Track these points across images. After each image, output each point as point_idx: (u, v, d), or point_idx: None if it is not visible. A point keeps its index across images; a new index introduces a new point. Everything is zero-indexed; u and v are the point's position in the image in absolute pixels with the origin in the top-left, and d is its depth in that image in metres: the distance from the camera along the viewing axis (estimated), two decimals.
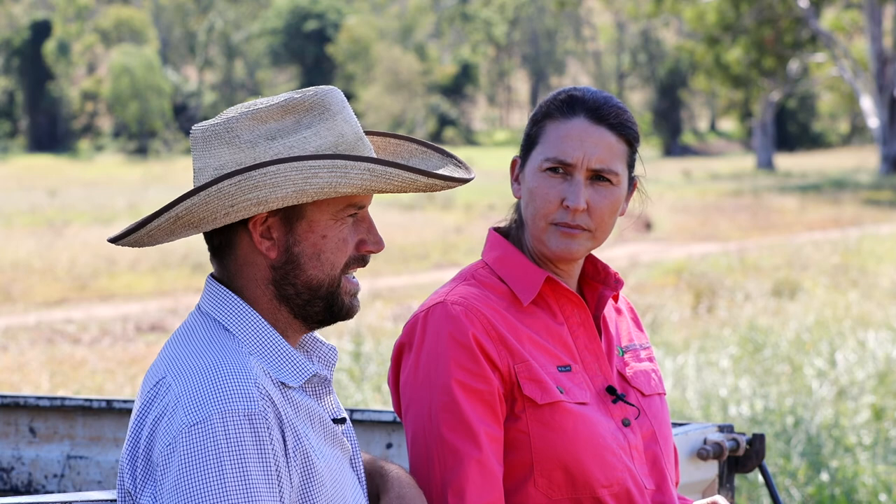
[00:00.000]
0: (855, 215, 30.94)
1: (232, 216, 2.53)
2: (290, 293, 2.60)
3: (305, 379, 2.60)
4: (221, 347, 2.54)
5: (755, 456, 3.81)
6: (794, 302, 16.12)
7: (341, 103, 2.62)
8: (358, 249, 2.64)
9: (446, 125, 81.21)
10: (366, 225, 2.65)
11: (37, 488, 4.45)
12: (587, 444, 2.84)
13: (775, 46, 50.76)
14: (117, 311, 17.60)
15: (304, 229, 2.58)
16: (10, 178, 57.54)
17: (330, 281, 2.61)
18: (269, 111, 2.58)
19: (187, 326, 2.62)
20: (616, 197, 2.92)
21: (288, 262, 2.59)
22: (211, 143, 2.59)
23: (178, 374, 2.51)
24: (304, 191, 2.51)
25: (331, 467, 2.58)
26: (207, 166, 2.59)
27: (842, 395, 9.91)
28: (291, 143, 2.56)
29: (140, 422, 2.53)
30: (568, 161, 2.89)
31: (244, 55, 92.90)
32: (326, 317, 2.64)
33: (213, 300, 2.62)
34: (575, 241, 2.90)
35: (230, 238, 2.60)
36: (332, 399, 2.69)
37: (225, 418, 2.43)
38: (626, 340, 3.05)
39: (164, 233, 2.59)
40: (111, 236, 2.66)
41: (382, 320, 15.41)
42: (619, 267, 20.54)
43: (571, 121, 2.91)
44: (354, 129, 2.62)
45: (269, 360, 2.57)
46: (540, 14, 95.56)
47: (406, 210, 33.83)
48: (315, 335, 2.73)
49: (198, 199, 2.53)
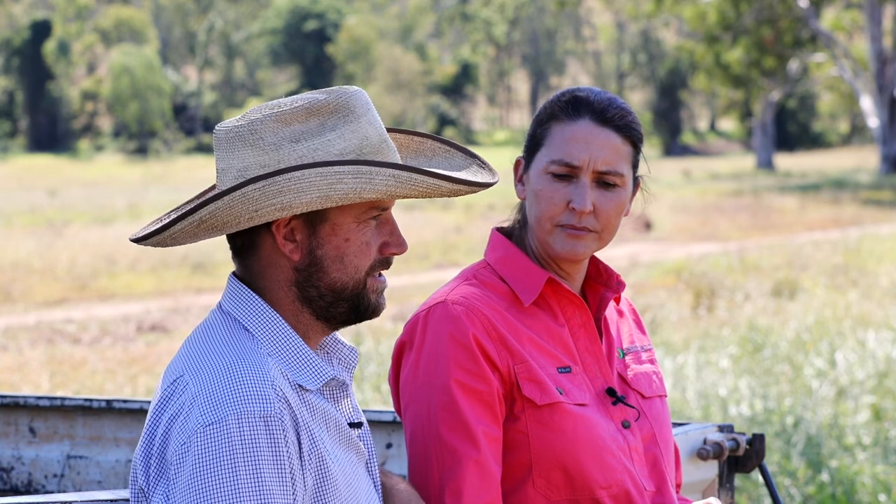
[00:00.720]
0: (855, 215, 30.94)
1: (256, 220, 2.52)
2: (314, 295, 2.60)
3: (323, 382, 2.59)
4: (240, 348, 2.54)
5: (755, 456, 3.81)
6: (793, 302, 16.12)
7: (366, 105, 2.60)
8: (381, 252, 2.63)
9: (446, 125, 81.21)
10: (389, 227, 2.64)
11: (37, 488, 4.45)
12: (586, 445, 2.84)
13: (775, 46, 50.76)
14: (117, 311, 17.60)
15: (328, 232, 2.58)
16: (10, 178, 57.54)
17: (354, 283, 2.60)
18: (293, 113, 2.56)
19: (207, 324, 2.62)
20: (622, 198, 2.91)
21: (311, 264, 2.58)
22: (234, 144, 2.57)
23: (196, 373, 2.50)
24: (328, 196, 2.50)
25: (345, 471, 2.57)
26: (231, 167, 2.57)
27: (842, 395, 9.91)
28: (315, 145, 2.55)
29: (156, 419, 2.52)
30: (574, 163, 2.88)
31: (244, 55, 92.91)
32: (352, 317, 2.63)
33: (235, 300, 2.61)
34: (581, 243, 2.90)
35: (253, 239, 2.59)
36: (349, 402, 2.69)
37: (241, 419, 2.43)
38: (627, 342, 3.05)
39: (187, 235, 2.58)
40: (134, 236, 2.64)
41: (382, 320, 15.40)
42: (619, 267, 20.54)
43: (577, 123, 2.90)
44: (379, 131, 2.61)
45: (287, 362, 2.56)
46: (540, 14, 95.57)
47: (406, 210, 33.83)
48: (336, 336, 2.72)
49: (222, 203, 2.51)
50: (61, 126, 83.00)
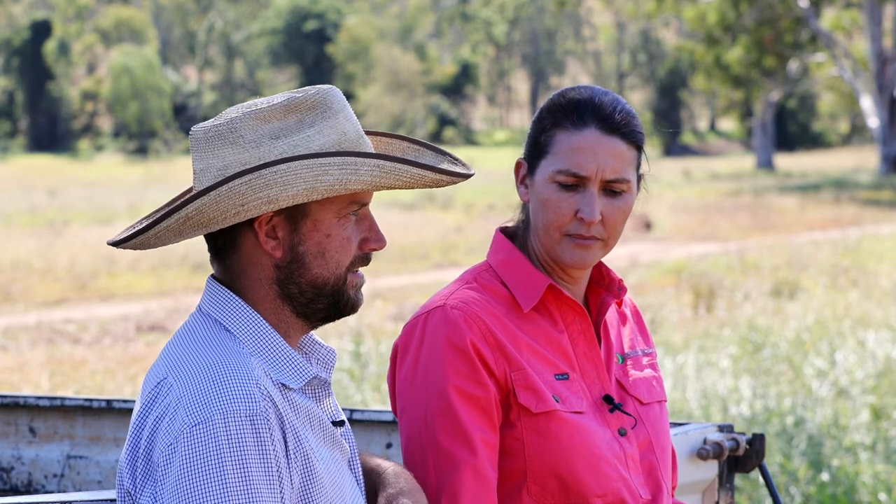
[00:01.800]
0: (855, 215, 30.94)
1: (242, 215, 2.53)
2: (294, 292, 2.61)
3: (306, 381, 2.60)
4: (223, 348, 2.54)
5: (755, 456, 3.81)
6: (793, 302, 16.12)
7: (342, 102, 2.63)
8: (361, 248, 2.64)
9: (446, 125, 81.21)
10: (367, 223, 2.66)
11: (37, 488, 4.45)
12: (582, 453, 2.83)
13: (775, 46, 50.75)
14: (117, 311, 17.61)
15: (309, 228, 2.59)
16: (10, 178, 57.53)
17: (335, 279, 2.62)
18: (271, 111, 2.58)
19: (188, 327, 2.62)
20: (628, 204, 2.91)
21: (293, 261, 2.59)
22: (213, 143, 2.59)
23: (180, 374, 2.51)
24: (314, 188, 2.52)
25: (330, 469, 2.58)
26: (210, 167, 2.59)
27: (842, 395, 9.91)
28: (295, 141, 2.57)
29: (141, 422, 2.53)
30: (581, 174, 2.86)
31: (244, 55, 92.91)
32: (331, 313, 2.64)
33: (214, 301, 2.62)
34: (589, 252, 2.90)
35: (235, 238, 2.60)
36: (330, 401, 2.69)
37: (227, 419, 2.43)
38: (627, 347, 3.04)
39: (172, 233, 2.59)
40: (113, 240, 2.66)
41: (382, 320, 15.41)
42: (620, 267, 20.55)
43: (583, 132, 2.87)
44: (355, 127, 2.64)
45: (269, 361, 2.57)
46: (540, 14, 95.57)
47: (406, 210, 33.82)
48: (314, 337, 2.73)
49: (208, 199, 2.52)
50: (61, 126, 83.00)
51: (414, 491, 2.70)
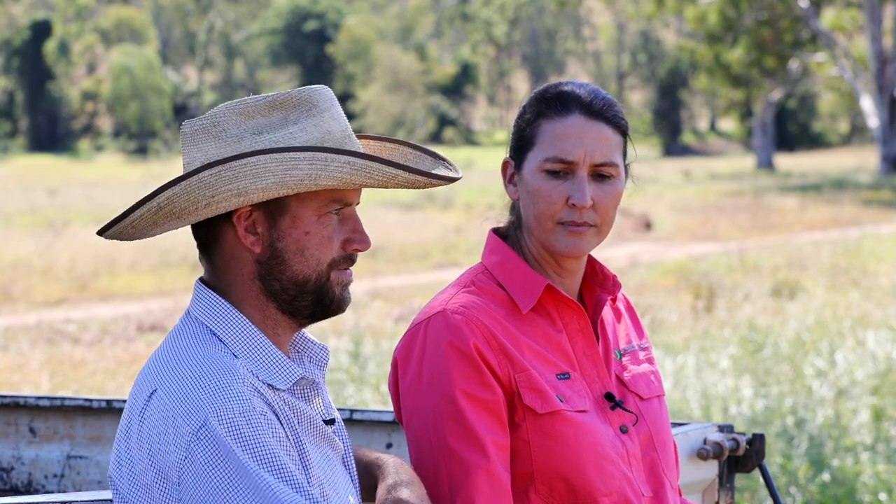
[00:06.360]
0: (855, 215, 30.94)
1: (213, 207, 2.54)
2: (277, 288, 2.61)
3: (293, 382, 2.61)
4: (208, 353, 2.56)
5: (755, 456, 3.81)
6: (793, 302, 16.12)
7: (329, 101, 2.63)
8: (344, 248, 2.64)
9: (446, 125, 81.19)
10: (352, 223, 2.65)
11: (37, 488, 4.45)
12: (587, 453, 2.84)
13: (775, 46, 50.75)
14: (117, 311, 17.60)
15: (288, 224, 2.60)
16: (10, 178, 57.53)
17: (317, 276, 2.61)
18: (256, 107, 2.60)
19: (176, 333, 2.65)
20: (618, 189, 2.91)
21: (272, 257, 2.60)
22: (198, 137, 2.60)
23: (169, 386, 2.52)
24: (284, 182, 2.52)
25: (322, 467, 2.59)
26: (195, 161, 2.60)
27: (842, 395, 9.91)
28: (277, 137, 2.58)
29: (127, 429, 2.55)
30: (569, 159, 2.87)
31: (244, 55, 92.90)
32: (317, 311, 2.64)
33: (202, 304, 2.65)
34: (583, 239, 2.90)
35: (216, 232, 2.62)
36: (321, 400, 2.70)
37: (220, 418, 2.45)
38: (624, 342, 3.04)
39: (149, 224, 2.60)
40: (98, 229, 2.67)
41: (382, 320, 15.40)
42: (620, 267, 20.55)
43: (567, 119, 2.89)
44: (342, 126, 2.63)
45: (256, 362, 2.58)
46: (540, 14, 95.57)
47: (406, 210, 33.82)
48: (306, 335, 2.73)
49: (178, 188, 2.54)
50: (61, 126, 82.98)
51: (413, 482, 2.71)
